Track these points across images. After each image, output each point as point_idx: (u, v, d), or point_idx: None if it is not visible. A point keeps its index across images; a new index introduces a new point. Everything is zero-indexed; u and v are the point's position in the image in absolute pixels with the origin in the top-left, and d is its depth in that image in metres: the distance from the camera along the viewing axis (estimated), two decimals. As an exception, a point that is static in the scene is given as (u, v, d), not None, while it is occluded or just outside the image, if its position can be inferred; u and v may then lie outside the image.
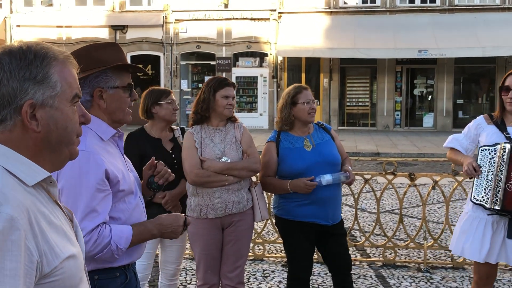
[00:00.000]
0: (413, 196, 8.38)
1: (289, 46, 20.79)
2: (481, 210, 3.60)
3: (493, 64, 21.57)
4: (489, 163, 3.55)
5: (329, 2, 22.13)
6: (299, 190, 3.64)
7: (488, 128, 3.71)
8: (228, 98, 3.70)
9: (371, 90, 22.66)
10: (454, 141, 3.89)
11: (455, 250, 3.76)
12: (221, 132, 3.77)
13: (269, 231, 6.51)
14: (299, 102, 3.79)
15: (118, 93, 2.35)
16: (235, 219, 3.74)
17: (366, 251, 6.01)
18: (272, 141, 3.86)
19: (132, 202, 2.33)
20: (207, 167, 3.63)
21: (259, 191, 3.86)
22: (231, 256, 3.79)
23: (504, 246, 3.58)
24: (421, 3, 21.92)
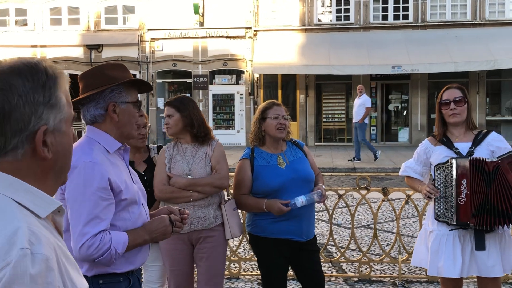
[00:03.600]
0: (388, 210, 8.44)
1: (265, 63, 20.93)
2: (445, 227, 3.64)
3: (465, 79, 21.93)
4: (444, 179, 3.61)
5: (304, 19, 22.37)
6: (273, 212, 3.65)
7: (437, 149, 3.78)
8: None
9: (347, 106, 22.85)
10: (407, 169, 3.97)
11: (431, 271, 3.77)
12: (192, 149, 3.80)
13: (245, 249, 6.49)
14: (268, 117, 3.82)
15: (129, 108, 2.51)
16: (203, 235, 3.75)
17: (341, 266, 6.02)
18: (246, 158, 3.86)
19: (135, 212, 2.47)
20: (172, 183, 3.70)
21: (229, 208, 3.86)
22: (205, 273, 3.80)
23: (474, 258, 3.62)
24: (394, 19, 22.28)
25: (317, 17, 22.62)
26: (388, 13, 22.32)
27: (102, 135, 2.46)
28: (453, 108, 3.71)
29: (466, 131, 3.76)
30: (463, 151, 3.67)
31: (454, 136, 3.77)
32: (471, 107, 3.82)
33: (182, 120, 3.78)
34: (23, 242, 1.12)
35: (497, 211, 3.48)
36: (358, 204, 5.79)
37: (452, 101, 3.72)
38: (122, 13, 22.89)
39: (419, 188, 3.86)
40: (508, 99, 22.59)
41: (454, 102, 3.71)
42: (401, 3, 22.20)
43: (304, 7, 22.32)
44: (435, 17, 22.23)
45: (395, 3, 22.22)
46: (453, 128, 3.78)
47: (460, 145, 3.70)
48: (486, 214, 3.49)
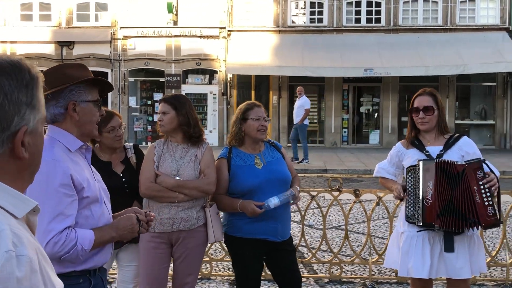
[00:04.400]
0: (359, 212, 8.51)
1: (239, 63, 20.93)
2: (415, 228, 3.69)
3: (436, 83, 22.22)
4: (414, 181, 3.67)
5: (278, 21, 22.44)
6: (247, 213, 3.66)
7: (408, 152, 3.83)
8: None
9: (319, 108, 22.99)
10: (381, 170, 4.02)
11: (401, 271, 3.82)
12: (182, 149, 3.78)
13: (217, 249, 6.48)
14: (249, 118, 3.82)
15: (89, 107, 2.50)
16: (183, 236, 3.74)
17: (313, 267, 6.05)
18: (223, 158, 3.85)
19: (97, 210, 2.47)
20: (159, 182, 3.67)
21: (214, 212, 3.85)
22: (180, 272, 3.81)
23: (443, 260, 3.67)
24: (367, 23, 22.49)
25: (291, 19, 22.71)
26: (361, 16, 22.52)
27: (63, 134, 2.46)
28: (422, 117, 3.76)
29: (437, 136, 3.82)
30: (434, 154, 3.72)
31: (426, 140, 3.83)
32: (444, 113, 3.87)
33: (177, 118, 3.75)
34: (8, 244, 1.10)
35: (459, 213, 3.54)
36: (330, 205, 5.82)
37: (421, 110, 3.77)
38: (94, 10, 22.63)
39: (391, 187, 3.90)
40: (477, 104, 22.99)
41: (423, 110, 3.77)
42: (374, 7, 22.43)
43: (278, 9, 22.39)
44: (407, 21, 22.51)
45: (368, 7, 22.44)
46: (424, 133, 3.84)
47: (431, 148, 3.76)
48: (450, 215, 3.54)
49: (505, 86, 22.22)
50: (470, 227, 3.55)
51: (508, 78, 21.88)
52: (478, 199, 3.52)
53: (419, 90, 3.93)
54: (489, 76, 22.07)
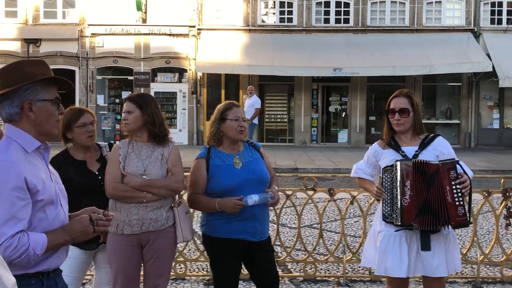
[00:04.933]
0: (330, 210, 8.58)
1: (209, 62, 20.88)
2: (393, 228, 3.73)
3: (402, 83, 22.54)
4: (390, 182, 3.71)
5: (248, 20, 22.46)
6: (227, 210, 3.65)
7: (385, 152, 3.88)
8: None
9: (288, 107, 23.11)
10: (358, 171, 4.06)
11: (378, 270, 3.85)
12: (148, 148, 3.75)
13: (191, 249, 6.46)
14: (228, 119, 3.82)
15: (46, 106, 2.45)
16: (153, 237, 3.71)
17: (287, 266, 6.08)
18: (202, 158, 3.84)
19: (52, 213, 2.43)
20: (126, 182, 3.63)
21: (182, 211, 3.83)
22: (152, 274, 3.77)
23: (420, 258, 3.73)
24: (336, 23, 22.68)
25: (261, 18, 22.76)
26: (330, 16, 22.70)
27: (20, 134, 2.41)
28: (398, 118, 3.82)
29: (413, 136, 3.88)
30: (409, 154, 3.78)
31: (402, 140, 3.88)
32: (420, 114, 3.93)
33: (142, 117, 3.72)
34: None
35: (434, 212, 3.60)
36: (305, 204, 5.87)
37: (397, 111, 3.83)
38: (62, 7, 22.27)
39: (370, 189, 3.94)
40: (442, 103, 23.41)
41: (399, 112, 3.82)
42: (342, 7, 22.63)
43: (248, 8, 22.40)
44: (374, 22, 22.78)
45: (337, 7, 22.63)
46: (400, 134, 3.90)
47: (407, 149, 3.82)
48: (427, 214, 3.61)
49: (470, 86, 22.69)
50: (442, 225, 3.62)
51: (473, 79, 22.34)
52: (449, 199, 3.59)
53: (396, 92, 3.98)
54: (455, 76, 22.49)
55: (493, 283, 5.60)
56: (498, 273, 5.74)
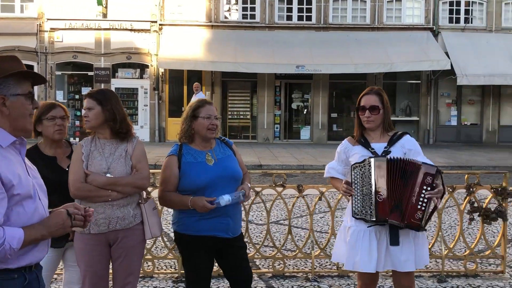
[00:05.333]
0: (296, 206, 8.62)
1: (171, 58, 20.71)
2: (363, 223, 3.77)
3: (364, 80, 22.85)
4: (361, 178, 3.74)
5: (210, 16, 22.36)
6: (198, 209, 3.62)
7: (355, 149, 3.91)
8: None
9: (251, 104, 23.13)
10: (331, 170, 4.07)
11: (347, 265, 3.88)
12: (111, 145, 3.69)
13: (157, 247, 6.40)
14: (200, 116, 3.78)
15: (20, 101, 2.44)
16: (121, 235, 3.66)
17: (255, 262, 6.08)
18: (173, 155, 3.79)
19: (30, 207, 2.41)
20: (90, 181, 3.57)
21: (149, 207, 3.78)
22: (121, 273, 3.72)
23: (389, 253, 3.77)
24: (298, 20, 22.80)
25: (223, 14, 22.70)
26: (293, 13, 22.81)
27: None
28: (368, 115, 3.86)
29: (382, 133, 3.92)
30: (378, 151, 3.82)
31: (371, 137, 3.92)
32: (389, 111, 3.97)
33: (103, 114, 3.66)
34: None
35: (401, 208, 3.65)
36: (274, 200, 5.88)
37: (367, 109, 3.87)
38: (19, 1, 21.74)
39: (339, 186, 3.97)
40: (402, 101, 23.81)
41: (369, 109, 3.86)
42: (305, 5, 22.77)
43: (211, 4, 22.31)
44: (336, 19, 22.99)
45: (299, 4, 22.76)
46: (370, 130, 3.94)
47: (376, 145, 3.86)
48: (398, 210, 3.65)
49: (428, 84, 23.14)
50: (395, 219, 3.66)
51: (431, 76, 22.80)
52: (413, 200, 3.63)
53: (366, 89, 4.02)
54: (414, 74, 22.93)
55: (457, 276, 5.73)
56: (462, 266, 5.87)
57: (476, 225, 7.00)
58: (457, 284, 5.51)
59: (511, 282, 5.54)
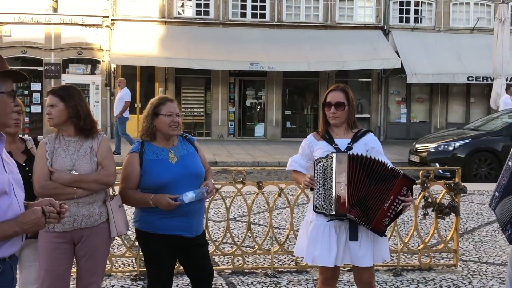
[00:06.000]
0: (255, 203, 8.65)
1: (123, 53, 20.41)
2: (323, 218, 3.82)
3: (317, 78, 23.13)
4: (323, 173, 3.79)
5: (164, 11, 22.15)
6: (161, 207, 3.60)
7: (319, 144, 3.96)
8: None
9: (205, 100, 23.06)
10: (293, 163, 4.11)
11: (307, 259, 3.92)
12: (76, 142, 3.64)
13: (114, 245, 6.32)
14: (161, 114, 3.75)
15: (3, 98, 2.45)
16: (86, 234, 3.61)
17: (214, 259, 6.09)
18: (135, 152, 3.75)
19: (4, 203, 2.41)
20: (54, 179, 3.51)
21: (115, 205, 3.74)
22: (85, 272, 3.67)
23: (348, 248, 3.84)
24: (252, 17, 22.85)
25: (177, 10, 22.53)
26: (247, 11, 22.85)
27: None
28: (334, 111, 3.92)
29: (346, 130, 3.99)
30: (342, 147, 3.89)
31: (335, 133, 3.99)
32: (354, 108, 4.05)
33: (66, 110, 3.60)
34: None
35: (366, 209, 3.70)
36: (234, 197, 5.89)
37: (333, 105, 3.93)
38: (-35, -7, 21.03)
39: (301, 180, 4.01)
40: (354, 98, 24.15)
41: (335, 105, 3.92)
42: (258, 2, 22.84)
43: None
44: (290, 17, 23.16)
45: (253, 2, 22.82)
46: (334, 127, 4.00)
47: (340, 141, 3.92)
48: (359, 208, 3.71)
49: (379, 82, 23.62)
50: (363, 221, 3.73)
51: (382, 75, 23.27)
52: (386, 206, 3.71)
53: (332, 86, 4.09)
54: (365, 72, 23.34)
55: (412, 270, 5.88)
56: (417, 260, 6.03)
57: (429, 220, 7.21)
58: (412, 277, 5.66)
59: (463, 275, 5.73)
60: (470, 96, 24.34)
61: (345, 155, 3.74)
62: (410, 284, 5.47)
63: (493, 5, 23.84)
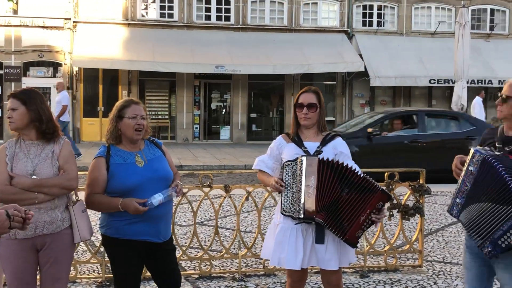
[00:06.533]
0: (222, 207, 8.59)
1: (86, 56, 20.12)
2: (290, 220, 3.81)
3: (282, 81, 23.21)
4: (292, 176, 3.78)
5: (127, 14, 21.93)
6: (130, 211, 3.53)
7: (288, 146, 3.96)
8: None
9: (170, 104, 22.90)
10: (260, 163, 4.08)
11: (273, 261, 3.91)
12: (37, 146, 3.56)
13: (78, 251, 6.19)
14: (125, 116, 3.69)
15: None
16: (49, 240, 3.53)
17: (181, 264, 6.02)
18: (101, 156, 3.68)
19: None
20: (15, 184, 3.43)
21: (78, 210, 3.67)
22: (49, 279, 3.59)
23: (314, 251, 3.84)
24: (217, 20, 22.82)
25: (140, 13, 22.33)
26: (211, 13, 22.80)
27: None
28: (306, 112, 3.92)
29: (316, 133, 3.99)
30: (311, 150, 3.88)
31: (305, 135, 3.98)
32: (324, 111, 4.06)
33: (28, 114, 3.52)
34: None
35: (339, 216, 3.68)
36: (201, 201, 5.83)
37: (305, 106, 3.93)
38: None
39: (267, 181, 3.99)
40: (319, 101, 24.34)
41: (307, 106, 3.92)
42: (223, 5, 22.82)
43: (127, 1, 21.90)
44: (255, 20, 23.21)
45: (218, 4, 22.78)
46: (304, 129, 3.99)
47: (309, 144, 3.92)
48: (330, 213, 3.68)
49: (343, 85, 23.85)
50: (336, 231, 3.73)
51: (346, 78, 23.51)
52: (361, 219, 3.72)
53: (304, 88, 4.08)
54: (330, 75, 23.55)
55: (379, 271, 5.92)
56: (383, 262, 6.08)
57: (394, 221, 7.27)
58: (379, 279, 5.70)
59: (428, 276, 5.80)
60: (432, 99, 24.78)
61: (314, 159, 3.73)
62: (377, 285, 5.51)
63: (454, 9, 24.35)
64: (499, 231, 3.07)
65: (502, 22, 25.13)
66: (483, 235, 3.15)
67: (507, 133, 3.37)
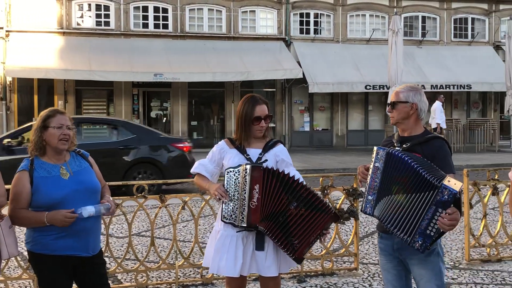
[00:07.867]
0: (158, 217, 8.52)
1: (19, 66, 19.52)
2: (231, 228, 3.81)
3: (222, 89, 23.22)
4: (234, 184, 3.76)
5: (62, 22, 21.45)
6: (57, 223, 3.43)
7: (231, 152, 3.95)
8: None
9: (108, 113, 22.49)
10: (200, 167, 4.04)
11: (212, 269, 3.89)
12: None
13: (10, 267, 5.99)
14: (50, 126, 3.60)
15: None
16: None
17: (117, 277, 5.92)
18: (24, 170, 3.56)
19: None
20: None
21: (5, 225, 3.54)
22: None
23: (254, 258, 3.85)
24: (155, 28, 22.62)
25: (76, 21, 21.87)
26: (149, 21, 22.59)
27: None
28: (263, 125, 3.92)
29: (260, 139, 4.00)
30: (253, 157, 3.89)
31: (248, 142, 3.97)
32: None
33: None
34: None
35: (287, 231, 3.68)
36: (136, 212, 5.75)
37: (263, 119, 3.93)
38: None
39: (206, 186, 3.95)
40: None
41: (264, 119, 3.93)
42: (161, 13, 22.66)
43: (62, 10, 21.41)
44: (193, 28, 23.15)
45: (155, 12, 22.61)
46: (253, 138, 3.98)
47: (251, 151, 3.92)
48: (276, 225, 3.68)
49: (283, 91, 24.08)
50: (286, 248, 3.76)
51: (285, 85, 23.75)
52: (311, 239, 3.77)
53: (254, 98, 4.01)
54: (269, 83, 23.73)
55: (316, 276, 6.00)
56: (319, 266, 6.16)
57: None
58: (316, 283, 5.77)
59: (364, 278, 5.91)
60: (368, 104, 25.36)
61: (259, 167, 3.72)
62: (314, 289, 5.58)
63: (387, 17, 25.05)
64: (424, 221, 3.18)
65: (434, 28, 26.02)
66: (409, 231, 3.24)
67: (402, 135, 3.65)
